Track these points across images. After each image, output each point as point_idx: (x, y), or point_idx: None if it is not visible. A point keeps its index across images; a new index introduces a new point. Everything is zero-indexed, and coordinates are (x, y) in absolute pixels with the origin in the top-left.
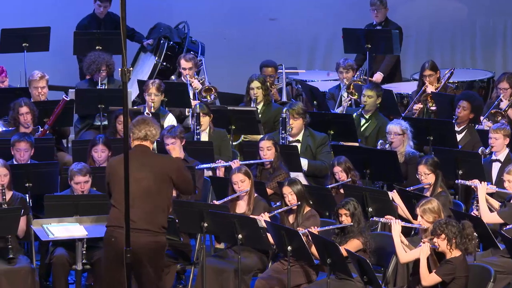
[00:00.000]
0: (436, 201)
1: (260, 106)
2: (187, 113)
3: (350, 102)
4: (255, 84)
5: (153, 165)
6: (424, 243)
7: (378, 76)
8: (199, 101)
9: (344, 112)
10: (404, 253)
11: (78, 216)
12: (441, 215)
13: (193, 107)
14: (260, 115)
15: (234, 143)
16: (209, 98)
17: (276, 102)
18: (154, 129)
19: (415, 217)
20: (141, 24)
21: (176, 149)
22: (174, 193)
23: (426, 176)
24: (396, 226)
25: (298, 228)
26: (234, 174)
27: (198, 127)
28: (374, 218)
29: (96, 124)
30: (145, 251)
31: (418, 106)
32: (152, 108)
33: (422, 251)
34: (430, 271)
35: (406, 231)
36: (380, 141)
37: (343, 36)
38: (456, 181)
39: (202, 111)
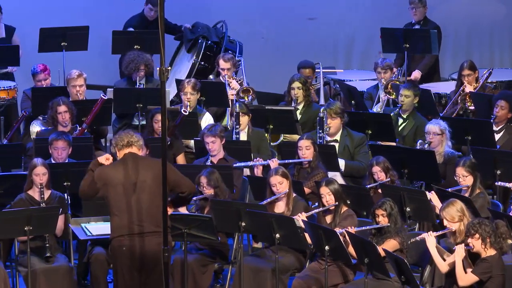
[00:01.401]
0: (459, 201)
1: (300, 107)
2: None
3: (387, 100)
4: (296, 84)
5: (149, 167)
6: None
7: (416, 74)
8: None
9: (382, 112)
10: (443, 262)
11: None
12: (465, 213)
13: (230, 105)
14: (300, 115)
15: (273, 144)
16: (246, 99)
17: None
18: (136, 135)
19: None
20: (180, 23)
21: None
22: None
23: (465, 178)
24: (430, 239)
25: (335, 228)
26: (272, 177)
27: (237, 126)
28: (411, 241)
29: (134, 123)
30: (155, 253)
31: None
32: (188, 107)
33: (457, 253)
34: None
35: (441, 235)
36: (419, 141)
37: (381, 36)
38: (495, 183)
39: (242, 110)
